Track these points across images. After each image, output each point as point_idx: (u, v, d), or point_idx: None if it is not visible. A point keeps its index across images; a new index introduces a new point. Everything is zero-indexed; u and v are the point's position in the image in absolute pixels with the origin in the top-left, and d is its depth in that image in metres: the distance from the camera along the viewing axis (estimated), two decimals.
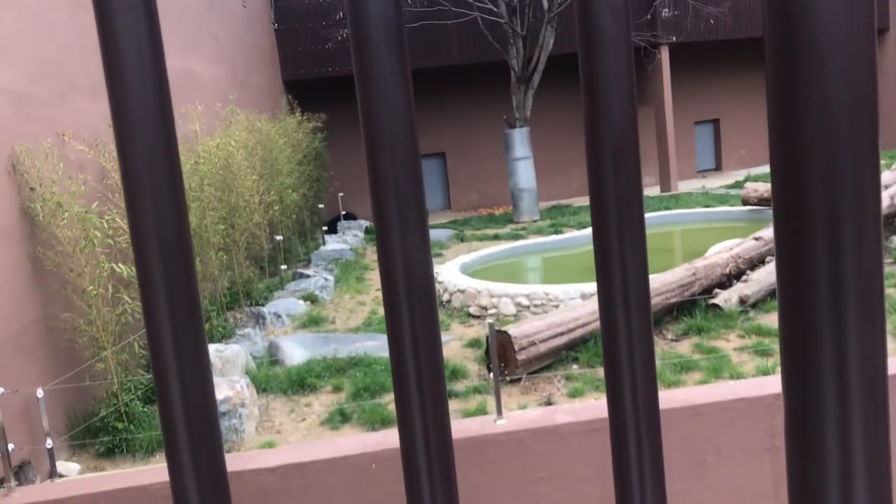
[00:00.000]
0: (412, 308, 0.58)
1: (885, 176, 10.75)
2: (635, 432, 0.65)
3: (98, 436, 5.99)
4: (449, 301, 9.33)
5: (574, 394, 6.38)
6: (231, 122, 10.55)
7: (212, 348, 6.84)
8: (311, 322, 8.76)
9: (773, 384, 5.80)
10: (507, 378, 6.73)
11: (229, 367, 6.86)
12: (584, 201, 19.24)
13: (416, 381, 0.60)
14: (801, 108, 0.42)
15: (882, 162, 17.23)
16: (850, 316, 0.42)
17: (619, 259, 0.61)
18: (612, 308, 0.62)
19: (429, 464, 0.60)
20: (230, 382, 6.28)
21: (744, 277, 8.12)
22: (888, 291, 7.98)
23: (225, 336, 8.26)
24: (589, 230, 13.96)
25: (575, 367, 6.94)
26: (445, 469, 0.61)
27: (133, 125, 0.56)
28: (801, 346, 0.43)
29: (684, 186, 19.90)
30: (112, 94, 0.56)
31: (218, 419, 0.60)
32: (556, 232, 14.34)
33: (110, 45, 0.54)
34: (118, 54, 0.54)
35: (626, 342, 0.62)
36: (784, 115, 0.44)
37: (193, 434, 0.57)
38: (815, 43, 0.42)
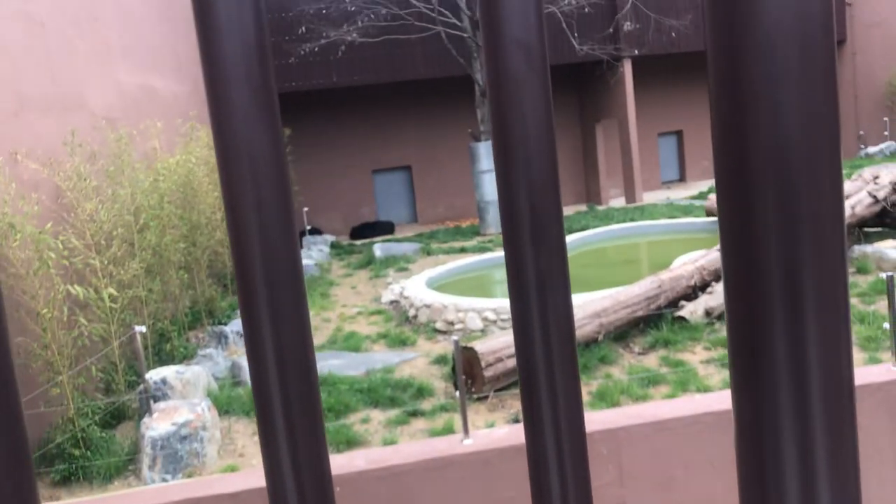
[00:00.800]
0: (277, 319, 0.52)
1: (846, 186, 10.91)
2: (557, 459, 0.59)
3: (54, 463, 5.80)
4: (415, 316, 9.25)
5: None
6: (191, 139, 10.40)
7: (172, 370, 6.69)
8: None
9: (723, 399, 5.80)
10: (475, 395, 6.66)
11: (190, 389, 6.70)
12: None
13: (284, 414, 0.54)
14: (748, 119, 0.37)
15: (843, 172, 17.51)
16: (810, 328, 0.37)
17: (537, 281, 0.55)
18: (530, 333, 0.56)
19: None
20: (191, 405, 6.13)
21: (709, 289, 8.16)
22: (852, 301, 8.05)
23: (186, 357, 8.09)
24: None
25: None
26: None
27: None
28: (754, 362, 0.38)
29: (649, 198, 20.05)
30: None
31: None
32: None
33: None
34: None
35: (545, 368, 0.56)
36: (729, 127, 0.39)
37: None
38: (763, 48, 0.37)
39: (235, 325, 8.98)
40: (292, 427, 0.52)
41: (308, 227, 16.73)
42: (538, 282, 0.51)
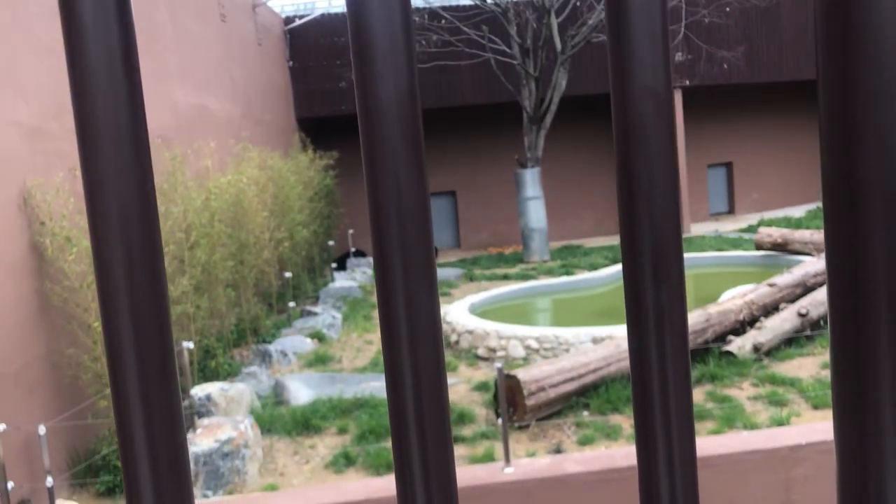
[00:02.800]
0: (415, 350, 0.51)
1: None
2: (668, 484, 0.57)
3: (99, 475, 5.89)
4: (457, 342, 9.23)
5: (584, 441, 6.25)
6: (243, 159, 10.58)
7: (216, 387, 6.76)
8: (318, 361, 8.67)
9: (787, 436, 5.67)
10: (516, 423, 6.61)
11: (234, 406, 6.76)
12: (595, 242, 19.18)
13: (417, 429, 0.53)
14: (860, 148, 0.37)
15: None
16: None
17: (654, 298, 0.54)
18: (646, 349, 0.55)
19: None
20: (234, 423, 6.19)
21: (757, 324, 8.01)
22: None
23: (231, 374, 8.17)
24: (601, 272, 13.88)
25: (585, 413, 6.81)
26: None
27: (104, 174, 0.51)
28: (859, 386, 0.37)
29: (697, 229, 19.82)
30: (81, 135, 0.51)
31: (188, 470, 0.54)
32: (567, 273, 14.25)
33: (78, 76, 0.49)
34: (85, 86, 0.49)
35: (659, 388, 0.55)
36: (839, 155, 0.38)
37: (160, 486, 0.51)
38: (876, 64, 0.37)
39: (279, 344, 9.05)
40: (424, 443, 0.52)
41: (353, 250, 16.86)
42: (657, 316, 0.50)
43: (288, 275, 11.22)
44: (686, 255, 14.85)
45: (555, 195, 19.56)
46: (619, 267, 14.33)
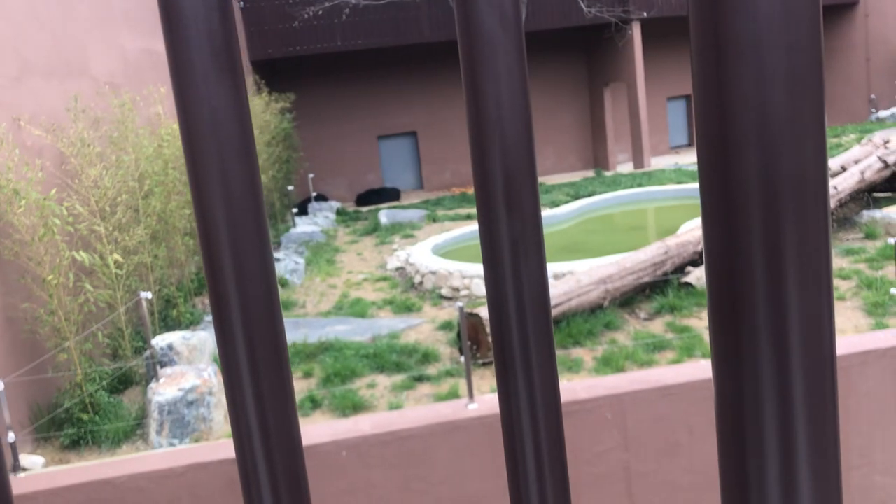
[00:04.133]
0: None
1: (856, 150, 10.80)
2: (532, 431, 0.58)
3: (62, 428, 5.85)
4: (421, 283, 9.25)
5: None
6: None
7: (178, 336, 6.71)
8: (281, 306, 8.63)
9: None
10: (480, 361, 6.67)
11: (196, 354, 6.73)
12: (558, 179, 19.20)
13: None
14: (731, 85, 0.35)
15: (852, 136, 17.33)
16: (791, 299, 0.36)
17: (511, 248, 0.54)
18: (505, 302, 0.54)
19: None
20: (197, 370, 6.17)
21: None
22: (859, 266, 8.01)
23: (192, 323, 8.12)
24: (562, 208, 13.93)
25: None
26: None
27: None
28: (734, 333, 0.37)
29: (657, 163, 19.92)
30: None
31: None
32: None
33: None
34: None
35: (520, 339, 0.55)
36: (711, 92, 0.36)
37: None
38: (748, 11, 0.35)
39: None
40: (261, 394, 0.51)
41: (314, 194, 16.70)
42: (512, 249, 0.48)
43: None
44: (646, 189, 14.99)
45: None
46: (580, 203, 14.40)
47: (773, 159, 0.36)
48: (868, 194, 10.18)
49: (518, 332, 0.42)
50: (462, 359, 5.99)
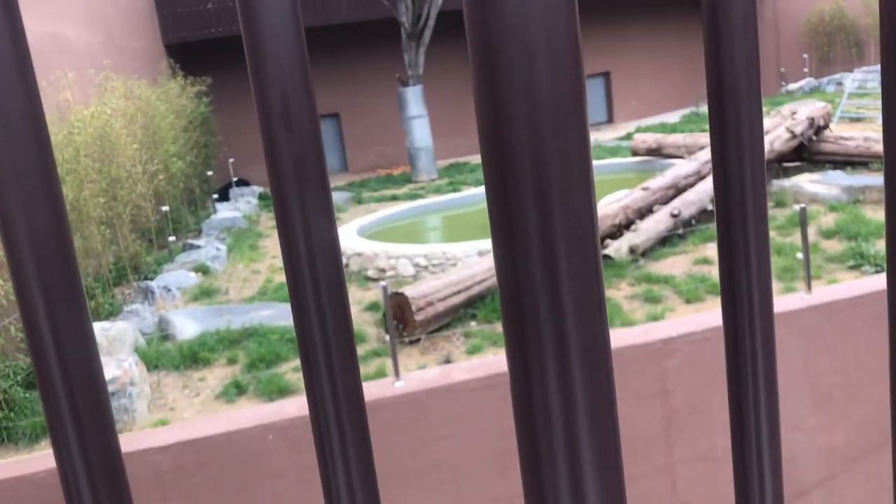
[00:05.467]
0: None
1: (766, 123, 11.16)
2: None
3: None
4: (346, 265, 9.22)
5: (473, 350, 6.42)
6: (106, 89, 10.03)
7: (97, 327, 6.55)
8: (204, 294, 8.50)
9: (661, 330, 5.99)
10: (407, 339, 6.71)
11: (116, 345, 6.59)
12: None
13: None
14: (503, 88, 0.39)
15: (764, 109, 17.92)
16: (565, 292, 0.39)
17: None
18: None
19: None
20: (117, 361, 6.03)
21: (633, 227, 8.32)
22: (770, 234, 8.32)
23: (112, 314, 7.93)
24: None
25: (473, 323, 6.98)
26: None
27: None
28: (521, 323, 0.41)
29: None
30: None
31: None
32: (455, 190, 14.35)
33: None
34: None
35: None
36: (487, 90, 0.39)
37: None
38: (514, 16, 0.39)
39: (162, 280, 8.82)
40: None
41: (235, 179, 16.40)
42: (303, 218, 0.52)
43: (165, 208, 10.84)
44: None
45: (439, 113, 19.48)
46: None
47: (541, 158, 0.39)
48: (778, 164, 10.57)
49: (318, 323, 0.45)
50: (388, 338, 6.02)
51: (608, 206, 8.58)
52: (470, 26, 0.40)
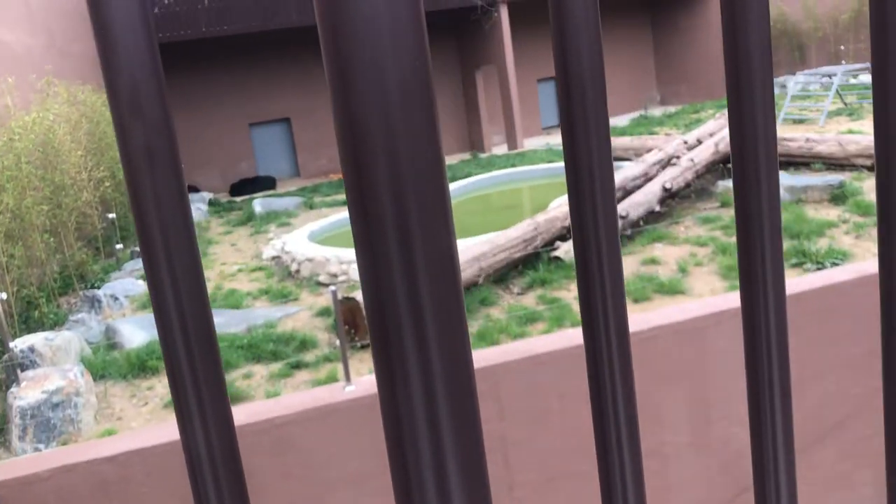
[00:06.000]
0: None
1: (711, 124, 11.40)
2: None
3: None
4: (298, 271, 9.16)
5: None
6: (49, 95, 9.82)
7: (40, 337, 6.41)
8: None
9: None
10: (359, 344, 6.70)
11: (62, 355, 6.45)
12: None
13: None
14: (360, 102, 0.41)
15: (711, 111, 18.25)
16: (428, 319, 0.41)
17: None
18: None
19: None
20: (62, 372, 5.91)
21: None
22: (715, 233, 8.50)
23: (57, 323, 7.76)
24: None
25: None
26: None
27: None
28: (387, 342, 0.42)
29: (530, 144, 20.38)
30: None
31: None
32: None
33: None
34: None
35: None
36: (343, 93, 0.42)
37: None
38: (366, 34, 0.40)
39: (109, 289, 8.66)
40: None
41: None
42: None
43: (112, 216, 10.65)
44: (518, 169, 15.34)
45: None
46: (458, 184, 14.58)
47: (399, 177, 0.40)
48: (723, 165, 10.77)
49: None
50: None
51: (558, 208, 8.67)
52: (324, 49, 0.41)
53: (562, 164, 0.65)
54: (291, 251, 9.53)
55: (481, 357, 5.52)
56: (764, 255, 0.71)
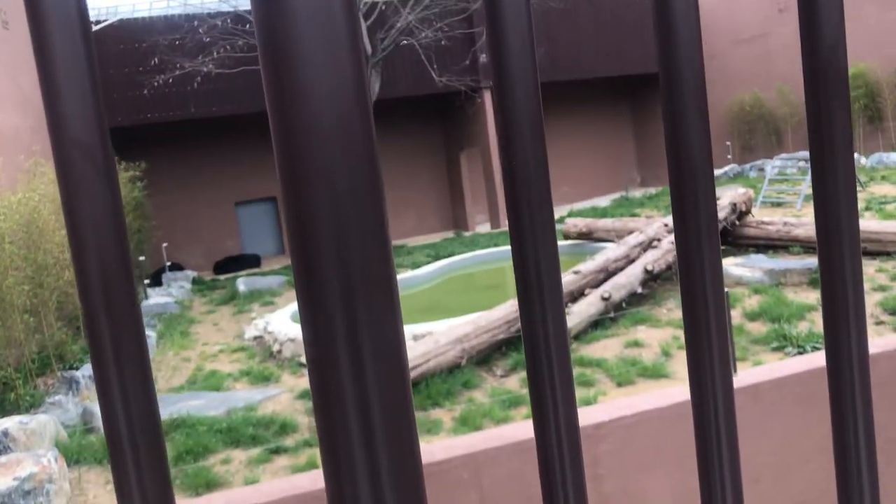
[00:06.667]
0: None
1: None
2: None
3: None
4: (280, 351, 9.09)
5: None
6: (35, 175, 9.88)
7: (14, 421, 6.29)
8: None
9: (593, 414, 6.02)
10: None
11: (36, 439, 6.32)
12: (419, 240, 19.48)
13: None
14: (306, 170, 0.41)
15: None
16: (367, 355, 0.42)
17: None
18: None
19: None
20: (36, 457, 5.78)
21: (566, 310, 8.43)
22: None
23: (33, 405, 7.62)
24: (423, 269, 14.09)
25: None
26: None
27: None
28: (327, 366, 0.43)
29: None
30: None
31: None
32: None
33: None
34: None
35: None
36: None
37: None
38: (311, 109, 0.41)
39: (88, 370, 8.54)
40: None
41: (168, 263, 16.16)
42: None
43: None
44: (501, 248, 15.43)
45: None
46: (441, 263, 14.65)
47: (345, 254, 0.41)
48: None
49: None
50: None
51: None
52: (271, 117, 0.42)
53: None
54: (274, 331, 9.48)
55: (463, 444, 5.45)
56: (712, 350, 0.71)
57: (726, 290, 6.89)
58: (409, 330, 8.57)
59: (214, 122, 18.35)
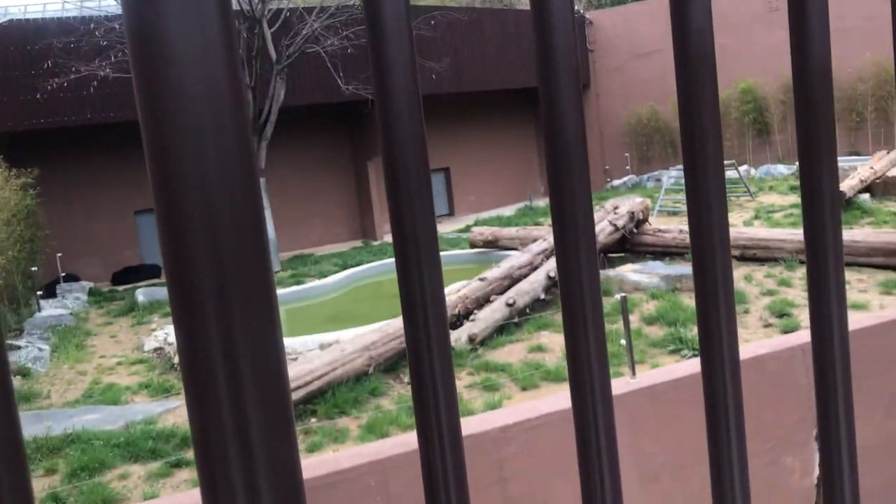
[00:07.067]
0: None
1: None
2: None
3: None
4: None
5: (312, 448, 6.30)
6: None
7: None
8: (21, 399, 7.89)
9: (498, 418, 6.12)
10: None
11: None
12: (326, 249, 19.32)
13: None
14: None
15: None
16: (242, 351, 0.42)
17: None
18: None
19: None
20: None
21: (472, 317, 8.54)
22: None
23: None
24: (330, 279, 13.99)
25: (313, 420, 6.86)
26: None
27: None
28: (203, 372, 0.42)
29: None
30: None
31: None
32: (298, 282, 14.22)
33: None
34: None
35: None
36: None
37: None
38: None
39: None
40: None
41: (63, 274, 15.52)
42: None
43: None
44: None
45: (283, 205, 19.43)
46: (348, 272, 14.58)
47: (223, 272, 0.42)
48: (603, 255, 11.23)
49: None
50: None
51: (448, 296, 8.77)
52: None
53: (451, 252, 0.70)
54: (174, 342, 9.23)
55: (370, 451, 5.44)
56: (590, 356, 0.75)
57: (625, 294, 7.08)
58: (316, 339, 8.50)
59: (112, 127, 17.74)
